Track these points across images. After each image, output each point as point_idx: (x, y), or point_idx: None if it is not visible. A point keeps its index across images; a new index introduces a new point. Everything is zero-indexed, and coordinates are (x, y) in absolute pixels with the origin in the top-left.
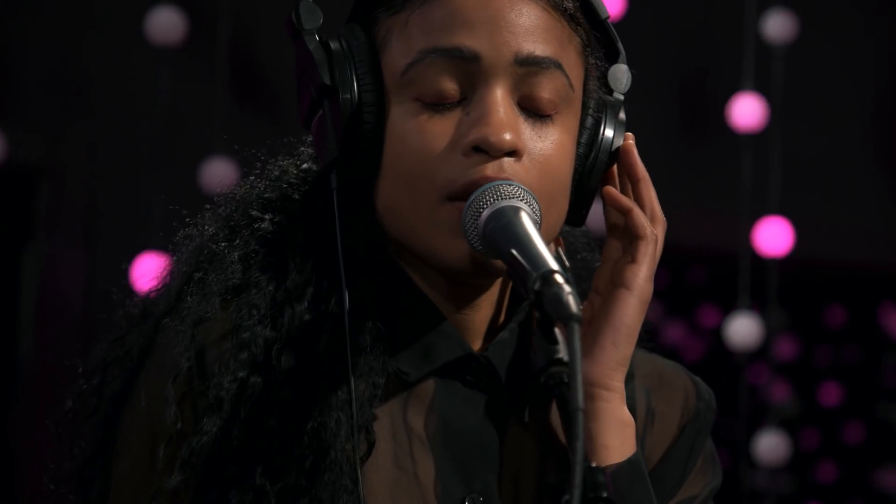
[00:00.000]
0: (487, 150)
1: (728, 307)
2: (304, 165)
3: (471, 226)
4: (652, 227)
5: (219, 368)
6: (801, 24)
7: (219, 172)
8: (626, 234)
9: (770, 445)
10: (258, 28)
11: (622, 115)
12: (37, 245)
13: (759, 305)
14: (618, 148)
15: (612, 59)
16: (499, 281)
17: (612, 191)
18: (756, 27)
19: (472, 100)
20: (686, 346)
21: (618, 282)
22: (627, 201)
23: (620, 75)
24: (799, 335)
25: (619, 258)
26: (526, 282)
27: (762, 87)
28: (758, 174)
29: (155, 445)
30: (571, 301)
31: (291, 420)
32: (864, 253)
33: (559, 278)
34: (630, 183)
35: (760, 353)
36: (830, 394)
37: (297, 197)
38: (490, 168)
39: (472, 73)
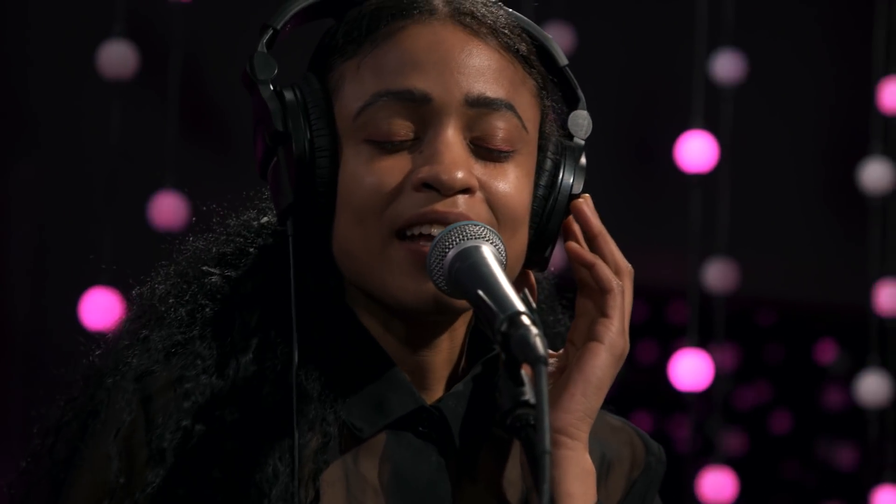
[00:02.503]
0: (439, 189)
1: (673, 344)
2: (264, 219)
3: (436, 265)
4: (617, 278)
5: (162, 419)
6: (750, 64)
7: (169, 207)
8: (593, 289)
9: (716, 483)
10: (208, 63)
11: (583, 161)
12: None
13: (705, 343)
14: (576, 195)
15: (573, 104)
16: (459, 323)
17: (574, 246)
18: (705, 67)
19: (425, 140)
20: (629, 382)
21: (591, 335)
22: (590, 256)
23: (581, 121)
24: (743, 372)
25: (592, 311)
26: (493, 323)
27: (711, 127)
28: (706, 213)
29: (100, 502)
30: (539, 343)
31: (236, 471)
32: (808, 291)
33: (526, 320)
34: (587, 239)
35: (708, 393)
36: (773, 428)
37: (252, 250)
38: (442, 203)
39: (423, 114)
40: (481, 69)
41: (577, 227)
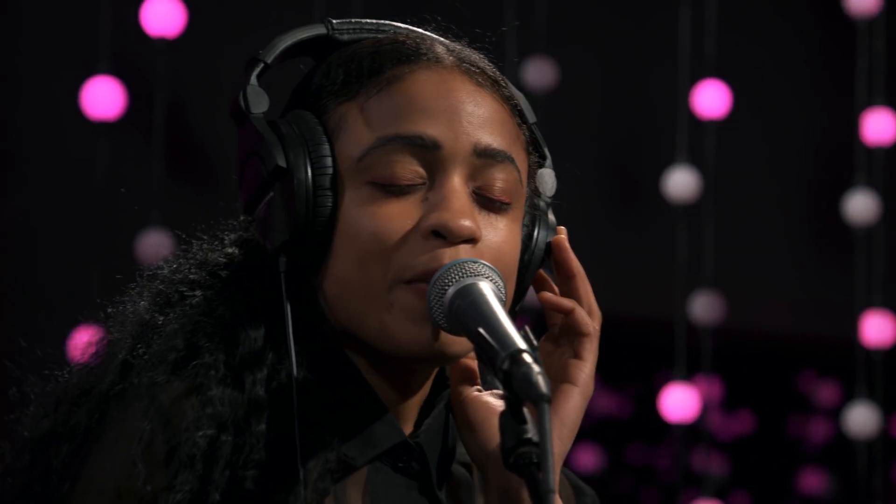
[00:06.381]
0: (447, 236)
1: (659, 377)
2: (228, 250)
3: (436, 303)
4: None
5: (185, 425)
6: (733, 98)
7: (155, 244)
8: (564, 331)
9: None
10: (193, 100)
11: (552, 217)
12: None
13: (692, 375)
14: (549, 244)
15: (540, 162)
16: None
17: (549, 296)
18: (688, 101)
19: (432, 186)
20: (617, 414)
21: (562, 377)
22: (567, 302)
23: (548, 178)
24: (728, 404)
25: (554, 352)
26: (494, 361)
27: (696, 160)
28: (692, 246)
29: None
30: (541, 381)
31: (264, 484)
32: (792, 323)
33: (528, 357)
34: (565, 278)
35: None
36: (758, 460)
37: (224, 275)
38: (448, 255)
39: (430, 160)
40: (488, 120)
41: (547, 279)
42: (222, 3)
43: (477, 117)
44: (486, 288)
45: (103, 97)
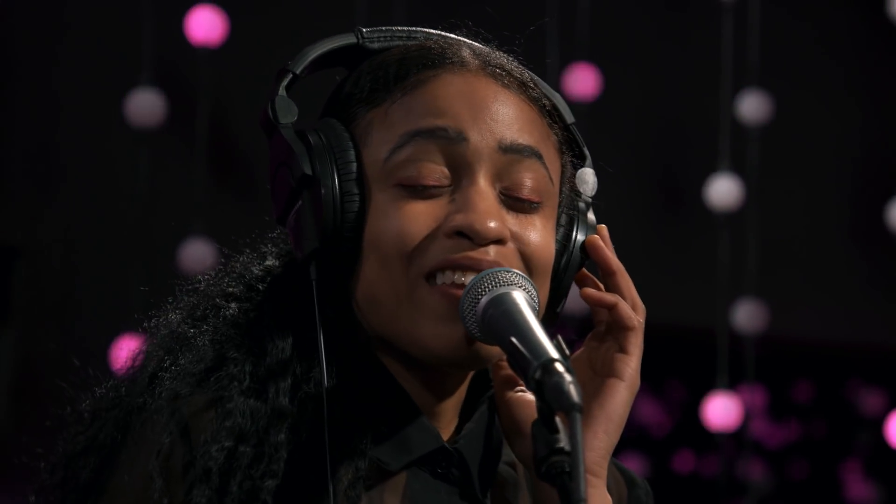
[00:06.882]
0: (472, 238)
1: (703, 385)
2: (268, 262)
3: (469, 312)
4: (636, 315)
5: (203, 438)
6: (776, 105)
7: (197, 254)
8: (609, 327)
9: None
10: (236, 109)
11: (592, 217)
12: (13, 327)
13: (735, 383)
14: (583, 244)
15: (579, 162)
16: None
17: (592, 292)
18: (731, 109)
19: (457, 187)
20: (658, 423)
21: (607, 372)
22: (610, 297)
23: (588, 178)
24: (773, 413)
25: (600, 348)
26: (526, 370)
27: (738, 168)
28: (735, 254)
29: None
30: (573, 390)
31: (283, 495)
32: (836, 331)
33: (560, 367)
34: (606, 276)
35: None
36: (800, 469)
37: (261, 287)
38: (474, 250)
39: (456, 157)
40: (514, 118)
41: (591, 277)
42: (264, 12)
43: (502, 115)
44: (519, 297)
45: (146, 106)
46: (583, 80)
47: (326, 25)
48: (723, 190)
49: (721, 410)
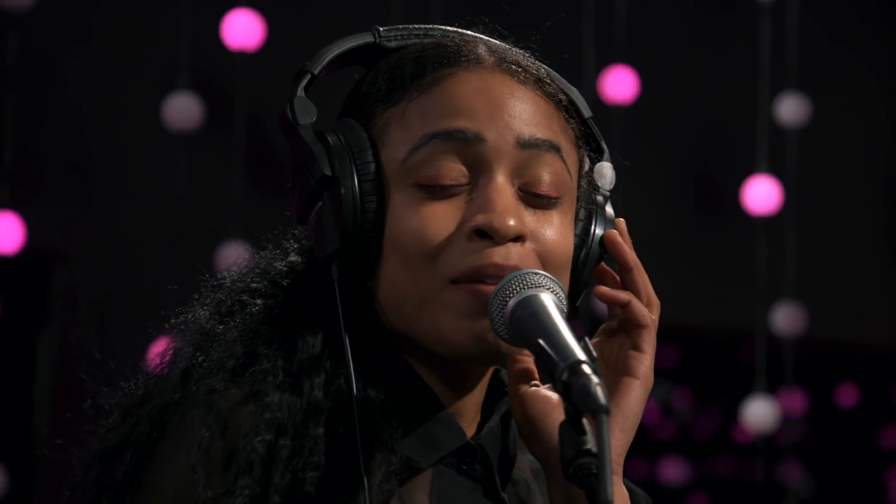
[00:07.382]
0: (492, 236)
1: (742, 388)
2: (291, 258)
3: (497, 314)
4: (650, 313)
5: (243, 431)
6: (814, 107)
7: (235, 257)
8: (623, 324)
9: None
10: (273, 112)
11: (610, 210)
12: (52, 330)
13: (774, 387)
14: (601, 239)
15: (597, 156)
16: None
17: (605, 289)
18: (769, 111)
19: (475, 186)
20: (701, 427)
21: (622, 370)
22: (623, 295)
23: (606, 172)
24: (811, 416)
25: (614, 345)
26: (553, 372)
27: (776, 171)
28: (773, 256)
29: None
30: (600, 392)
31: (324, 487)
32: (877, 333)
33: (587, 369)
34: (622, 271)
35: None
36: (844, 470)
37: (286, 284)
38: (497, 254)
39: (474, 156)
40: (531, 113)
41: (608, 271)
42: (301, 15)
43: (519, 111)
44: (547, 299)
45: (184, 110)
46: (620, 83)
47: (363, 28)
48: (761, 193)
49: (760, 414)
